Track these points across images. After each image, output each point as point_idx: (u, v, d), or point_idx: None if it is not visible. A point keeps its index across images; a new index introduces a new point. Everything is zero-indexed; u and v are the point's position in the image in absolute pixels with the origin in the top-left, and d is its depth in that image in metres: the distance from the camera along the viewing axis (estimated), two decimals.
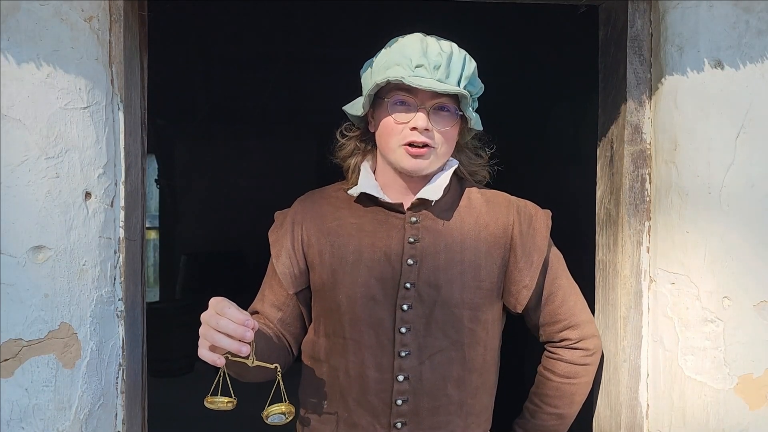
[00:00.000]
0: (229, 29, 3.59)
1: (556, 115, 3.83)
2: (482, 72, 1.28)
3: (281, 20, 3.43)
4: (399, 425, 1.25)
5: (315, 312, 1.34)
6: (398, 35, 1.26)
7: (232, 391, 1.11)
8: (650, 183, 1.38)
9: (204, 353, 1.08)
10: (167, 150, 6.67)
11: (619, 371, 1.38)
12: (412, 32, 1.26)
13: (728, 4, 1.30)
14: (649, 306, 1.37)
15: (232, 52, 3.98)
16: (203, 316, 1.08)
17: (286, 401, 1.15)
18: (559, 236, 1.39)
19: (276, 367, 1.14)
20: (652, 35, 1.36)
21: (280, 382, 1.15)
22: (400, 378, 1.24)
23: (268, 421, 1.15)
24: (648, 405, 1.38)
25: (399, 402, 1.24)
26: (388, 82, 1.19)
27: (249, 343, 1.06)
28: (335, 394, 1.29)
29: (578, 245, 2.06)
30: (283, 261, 1.31)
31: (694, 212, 1.30)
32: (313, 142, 6.33)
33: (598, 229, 1.52)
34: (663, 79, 1.33)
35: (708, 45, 1.30)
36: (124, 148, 1.26)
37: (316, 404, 1.31)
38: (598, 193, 1.51)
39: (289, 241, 1.32)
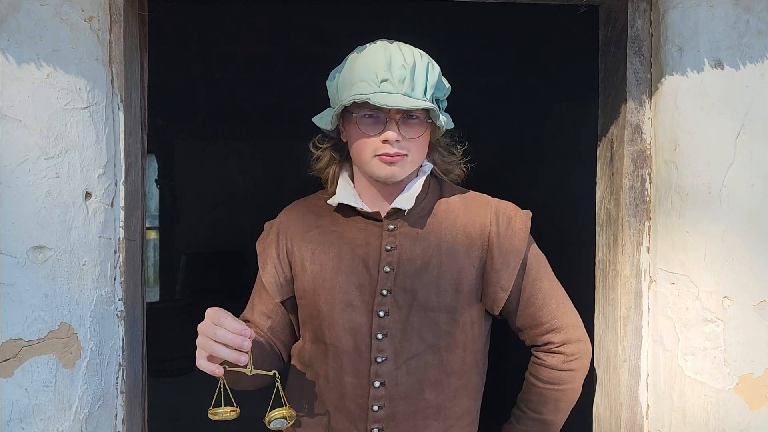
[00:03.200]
0: (229, 29, 3.59)
1: (556, 115, 3.83)
2: (483, 72, 1.28)
3: (281, 20, 3.43)
4: (376, 431, 1.25)
5: (301, 318, 1.35)
6: (397, 35, 1.27)
7: (233, 400, 1.11)
8: (650, 183, 1.38)
9: (202, 363, 1.09)
10: (167, 150, 6.67)
11: (619, 371, 1.38)
12: (412, 32, 1.26)
13: (728, 4, 1.30)
14: (649, 306, 1.37)
15: (232, 52, 3.98)
16: (200, 327, 1.09)
17: (286, 405, 1.16)
18: (558, 236, 1.39)
19: (274, 373, 1.15)
20: (652, 35, 1.36)
21: (279, 387, 1.16)
22: (376, 384, 1.24)
23: (270, 426, 1.16)
24: (648, 405, 1.38)
25: (375, 408, 1.24)
26: (353, 102, 1.19)
27: (247, 352, 1.07)
28: (316, 399, 1.30)
29: (578, 245, 2.06)
30: (269, 270, 1.34)
31: (694, 212, 1.30)
32: (311, 142, 6.31)
33: (598, 228, 1.52)
34: (663, 79, 1.33)
35: (708, 45, 1.30)
36: (124, 148, 1.26)
37: (299, 409, 1.32)
38: (598, 193, 1.51)
39: (274, 251, 1.34)
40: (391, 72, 1.18)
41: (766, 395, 1.31)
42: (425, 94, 1.21)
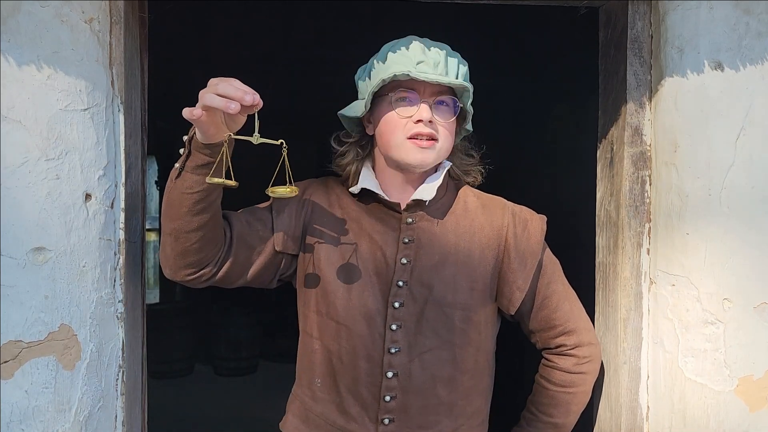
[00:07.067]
0: (229, 29, 3.59)
1: (557, 117, 3.83)
2: (483, 73, 1.29)
3: (281, 20, 3.43)
4: (386, 421, 1.26)
5: (306, 285, 1.32)
6: (398, 36, 1.28)
7: (233, 174, 1.12)
8: (650, 185, 1.38)
9: (185, 109, 1.05)
10: (167, 151, 6.66)
11: (620, 373, 1.38)
12: (412, 33, 1.28)
13: (728, 5, 1.30)
14: (650, 308, 1.37)
15: (232, 52, 3.97)
16: (210, 81, 1.07)
17: (290, 182, 1.14)
18: (558, 238, 1.40)
19: (281, 142, 1.14)
20: (652, 37, 1.36)
21: (286, 159, 1.15)
22: (389, 374, 1.25)
23: (273, 195, 1.15)
24: (648, 407, 1.38)
25: (387, 398, 1.26)
26: (394, 77, 1.21)
27: (252, 114, 1.07)
28: (329, 377, 1.30)
29: (578, 247, 2.06)
30: (283, 219, 1.30)
31: (695, 214, 1.30)
32: (312, 142, 6.31)
33: (598, 230, 1.52)
34: (663, 81, 1.33)
35: (708, 47, 1.30)
36: (125, 149, 1.26)
37: (311, 381, 1.31)
38: (598, 195, 1.51)
39: (294, 206, 1.32)
40: (427, 56, 1.23)
41: (766, 397, 1.31)
42: (457, 79, 1.24)
